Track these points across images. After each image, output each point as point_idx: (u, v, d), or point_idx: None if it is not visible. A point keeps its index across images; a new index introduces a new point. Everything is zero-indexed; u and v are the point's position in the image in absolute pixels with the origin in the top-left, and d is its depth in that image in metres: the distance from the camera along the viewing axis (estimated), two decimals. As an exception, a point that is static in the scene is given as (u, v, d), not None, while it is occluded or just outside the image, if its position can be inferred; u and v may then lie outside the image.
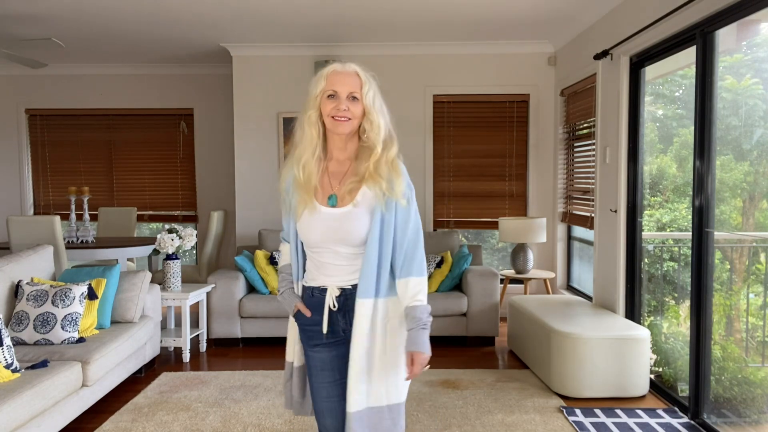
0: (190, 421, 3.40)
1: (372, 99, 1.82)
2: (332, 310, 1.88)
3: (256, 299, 4.87)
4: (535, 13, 4.77)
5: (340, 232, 1.83)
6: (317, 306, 1.91)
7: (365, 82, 1.82)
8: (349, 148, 1.88)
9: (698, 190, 3.32)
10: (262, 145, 5.89)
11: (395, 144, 1.87)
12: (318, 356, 1.93)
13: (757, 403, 3.33)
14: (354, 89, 1.80)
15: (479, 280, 4.87)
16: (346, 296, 1.88)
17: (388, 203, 1.81)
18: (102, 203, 6.71)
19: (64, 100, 6.71)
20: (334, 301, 1.87)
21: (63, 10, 4.60)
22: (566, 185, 5.66)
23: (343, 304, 1.88)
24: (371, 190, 1.82)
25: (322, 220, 1.84)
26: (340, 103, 1.79)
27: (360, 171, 1.83)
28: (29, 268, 3.85)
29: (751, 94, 4.00)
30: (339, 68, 1.84)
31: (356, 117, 1.81)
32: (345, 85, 1.80)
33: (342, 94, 1.80)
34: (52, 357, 3.27)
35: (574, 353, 3.66)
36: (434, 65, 5.83)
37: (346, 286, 1.88)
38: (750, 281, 3.98)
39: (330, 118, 1.81)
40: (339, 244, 1.84)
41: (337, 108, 1.79)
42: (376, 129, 1.82)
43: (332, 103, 1.80)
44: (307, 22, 5.00)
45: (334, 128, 1.82)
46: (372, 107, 1.82)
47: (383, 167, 1.81)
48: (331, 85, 1.81)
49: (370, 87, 1.83)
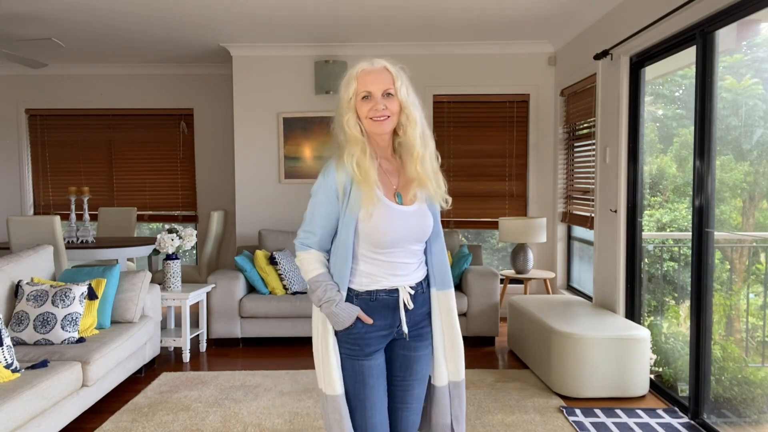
0: (190, 421, 3.40)
1: (406, 93, 1.79)
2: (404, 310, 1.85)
3: (256, 299, 4.87)
4: (535, 13, 4.77)
5: (418, 229, 1.82)
6: (379, 309, 1.83)
7: (396, 77, 1.78)
8: (388, 147, 1.87)
9: (698, 190, 3.32)
10: (262, 145, 5.89)
11: (431, 139, 1.85)
12: (376, 363, 1.85)
13: (757, 403, 3.33)
14: (387, 86, 1.76)
15: (479, 280, 4.87)
16: (416, 294, 1.86)
17: (436, 205, 1.88)
18: (102, 203, 6.71)
19: (64, 100, 6.71)
20: (409, 300, 1.84)
21: (63, 10, 4.60)
22: (566, 185, 5.66)
23: (414, 302, 1.86)
24: (425, 191, 1.84)
25: (400, 219, 1.79)
26: (377, 103, 1.75)
27: (409, 172, 1.82)
28: (29, 268, 3.84)
29: (751, 94, 4.00)
30: (368, 67, 1.80)
31: (394, 113, 1.78)
32: (378, 84, 1.76)
33: (376, 94, 1.76)
34: (52, 357, 3.27)
35: (574, 353, 3.66)
36: (434, 65, 5.83)
37: (415, 284, 1.87)
38: (750, 281, 3.98)
39: (369, 120, 1.77)
40: (415, 242, 1.83)
41: (374, 109, 1.75)
42: (413, 123, 1.79)
43: (368, 104, 1.76)
44: (307, 22, 5.00)
45: (375, 129, 1.78)
46: (407, 101, 1.78)
47: (429, 166, 1.82)
48: (364, 86, 1.77)
49: (402, 81, 1.79)
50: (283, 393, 3.83)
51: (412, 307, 1.85)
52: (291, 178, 5.89)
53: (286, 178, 5.89)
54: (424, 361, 1.92)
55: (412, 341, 1.90)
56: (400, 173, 1.85)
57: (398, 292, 1.83)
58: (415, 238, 1.82)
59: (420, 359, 1.91)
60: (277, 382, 4.04)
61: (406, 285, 1.83)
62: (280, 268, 5.02)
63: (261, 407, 3.60)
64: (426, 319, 1.92)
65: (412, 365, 1.90)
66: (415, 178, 1.81)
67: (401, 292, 1.83)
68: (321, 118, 5.80)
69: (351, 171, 1.76)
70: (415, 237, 1.82)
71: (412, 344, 1.90)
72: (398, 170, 1.86)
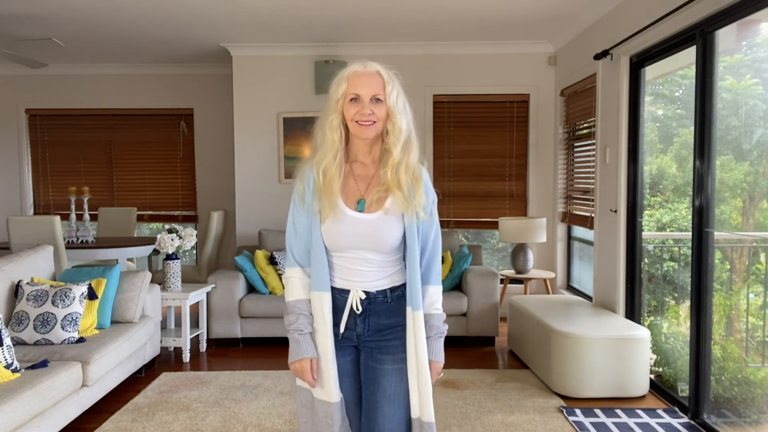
0: (190, 421, 3.40)
1: (395, 99, 1.75)
2: (353, 314, 1.82)
3: (256, 299, 4.87)
4: (535, 13, 4.77)
5: (371, 238, 1.77)
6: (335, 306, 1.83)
7: (388, 82, 1.75)
8: (374, 151, 1.82)
9: (698, 190, 3.32)
10: (262, 145, 5.89)
11: (415, 148, 1.80)
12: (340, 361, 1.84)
13: (757, 403, 3.33)
14: (377, 91, 1.73)
15: (479, 280, 4.87)
16: (369, 300, 1.82)
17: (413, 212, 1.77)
18: (102, 203, 6.71)
19: (64, 100, 6.71)
20: (358, 304, 1.81)
21: (63, 10, 4.60)
22: (566, 185, 5.66)
23: (366, 308, 1.82)
24: (397, 199, 1.77)
25: (350, 225, 1.76)
26: (364, 107, 1.73)
27: (384, 178, 1.77)
28: (29, 268, 3.85)
29: (751, 94, 4.01)
30: (360, 69, 1.77)
31: (381, 120, 1.75)
32: (368, 87, 1.73)
33: (365, 98, 1.73)
34: (52, 357, 3.27)
35: (574, 353, 3.66)
36: (434, 65, 5.83)
37: (371, 291, 1.81)
38: (750, 281, 3.99)
39: (354, 123, 1.75)
40: (368, 251, 1.78)
41: (361, 113, 1.73)
42: (398, 132, 1.75)
43: (355, 107, 1.74)
44: (307, 22, 5.00)
45: (359, 133, 1.75)
46: (395, 108, 1.75)
47: (403, 175, 1.75)
48: (354, 87, 1.74)
49: (394, 87, 1.76)
50: (283, 393, 3.83)
51: (360, 311, 1.81)
52: (291, 178, 5.90)
53: (286, 178, 5.89)
54: (391, 377, 1.82)
55: (376, 352, 1.84)
56: (373, 178, 1.81)
57: (349, 293, 1.82)
58: (366, 247, 1.78)
59: (386, 374, 1.82)
60: (277, 382, 4.04)
61: (358, 288, 1.80)
62: (280, 268, 5.02)
63: (261, 407, 3.60)
64: (395, 332, 1.83)
65: (378, 379, 1.83)
66: (385, 183, 1.77)
67: (351, 294, 1.81)
68: (321, 118, 5.80)
69: (315, 176, 1.78)
70: (366, 246, 1.77)
71: (376, 355, 1.84)
72: (372, 175, 1.82)
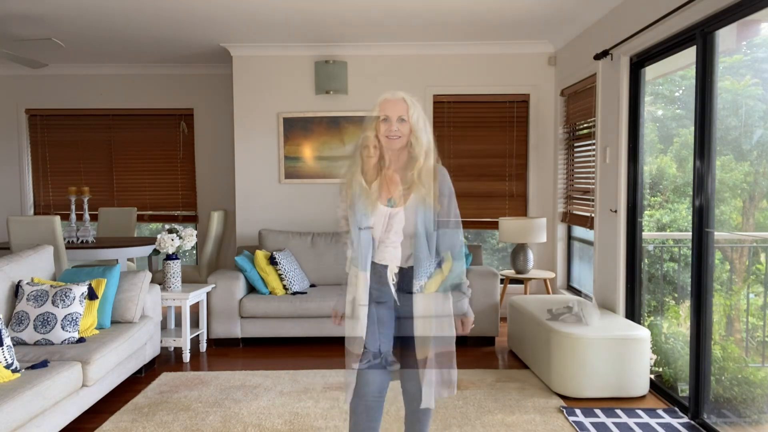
0: (190, 421, 3.40)
1: (417, 119, 2.31)
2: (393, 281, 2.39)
3: (256, 299, 4.87)
4: (535, 13, 4.77)
5: (391, 226, 2.35)
6: (380, 277, 2.39)
7: (411, 106, 2.31)
8: (401, 159, 2.36)
9: (698, 191, 3.32)
10: (262, 145, 5.89)
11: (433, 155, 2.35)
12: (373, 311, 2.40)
13: (757, 403, 3.33)
14: (402, 113, 2.29)
15: (479, 280, 4.87)
16: (402, 273, 2.39)
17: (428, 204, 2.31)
18: (102, 203, 6.71)
19: (64, 100, 6.71)
20: (395, 276, 2.39)
21: (63, 10, 4.60)
22: (566, 185, 5.66)
23: (400, 279, 2.39)
24: (417, 195, 2.31)
25: (380, 216, 2.35)
26: (392, 125, 2.29)
27: (407, 179, 2.32)
28: (29, 268, 3.85)
29: (750, 94, 4.01)
30: (390, 96, 2.33)
31: (405, 135, 2.31)
32: (394, 110, 2.29)
33: (393, 118, 2.29)
34: (52, 357, 3.27)
35: (574, 353, 3.66)
36: (434, 65, 5.83)
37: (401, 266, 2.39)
38: (750, 281, 3.99)
39: (384, 137, 2.31)
40: (393, 235, 2.36)
41: (389, 129, 2.29)
42: (420, 143, 2.31)
43: (385, 125, 2.30)
44: (307, 22, 5.00)
45: (388, 145, 2.32)
46: (417, 126, 2.31)
47: (424, 175, 2.30)
48: (384, 111, 2.31)
49: (415, 109, 2.32)
50: (283, 393, 3.83)
51: (396, 280, 2.39)
52: (291, 178, 5.90)
53: (286, 178, 5.89)
54: None
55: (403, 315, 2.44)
56: (401, 180, 2.35)
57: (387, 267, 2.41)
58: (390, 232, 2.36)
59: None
60: (277, 382, 4.04)
61: (393, 264, 2.39)
62: (280, 268, 5.02)
63: (261, 407, 3.60)
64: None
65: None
66: (412, 182, 2.32)
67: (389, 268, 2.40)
68: (321, 118, 5.80)
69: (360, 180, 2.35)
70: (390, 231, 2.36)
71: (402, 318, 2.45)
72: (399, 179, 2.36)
